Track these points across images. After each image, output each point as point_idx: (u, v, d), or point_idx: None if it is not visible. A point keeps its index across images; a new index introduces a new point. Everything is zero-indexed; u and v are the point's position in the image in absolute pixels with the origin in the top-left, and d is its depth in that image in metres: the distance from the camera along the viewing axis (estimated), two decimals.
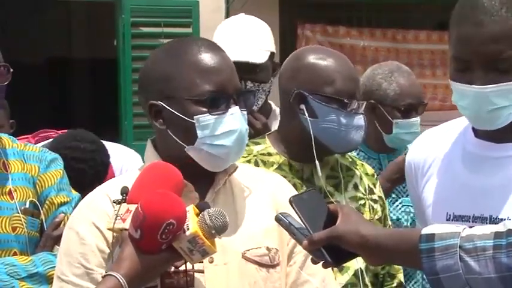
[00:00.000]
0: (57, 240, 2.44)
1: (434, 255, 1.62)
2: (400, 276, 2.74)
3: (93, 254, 1.92)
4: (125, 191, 1.82)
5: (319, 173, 2.48)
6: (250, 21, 3.23)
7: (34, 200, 2.47)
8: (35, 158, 2.54)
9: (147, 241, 1.73)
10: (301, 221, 1.75)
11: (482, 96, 1.92)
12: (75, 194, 2.60)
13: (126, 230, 1.77)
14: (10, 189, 2.43)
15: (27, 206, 2.43)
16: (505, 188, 1.97)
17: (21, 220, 2.40)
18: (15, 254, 2.37)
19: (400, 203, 3.43)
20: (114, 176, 3.17)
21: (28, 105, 4.18)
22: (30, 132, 3.74)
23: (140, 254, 1.74)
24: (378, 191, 2.66)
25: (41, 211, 2.49)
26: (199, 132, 1.95)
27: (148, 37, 7.43)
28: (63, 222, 2.47)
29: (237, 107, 1.97)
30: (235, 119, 1.96)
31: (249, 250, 1.94)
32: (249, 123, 2.17)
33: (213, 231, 1.75)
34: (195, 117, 1.95)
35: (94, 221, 1.94)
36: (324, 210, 1.78)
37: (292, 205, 1.76)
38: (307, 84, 2.49)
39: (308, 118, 2.46)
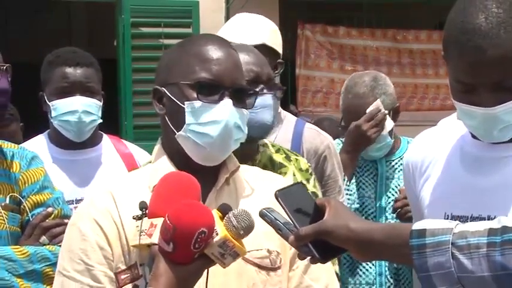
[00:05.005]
0: (45, 231, 2.44)
1: (426, 252, 1.58)
2: (336, 268, 2.73)
3: (93, 251, 1.92)
4: (143, 206, 1.80)
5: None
6: (254, 16, 3.24)
7: (15, 195, 2.46)
8: (15, 155, 2.53)
9: (180, 252, 1.71)
10: (287, 215, 1.72)
11: (492, 117, 1.90)
12: (58, 190, 2.60)
13: (155, 244, 1.75)
14: None
15: (7, 201, 2.42)
16: (503, 188, 1.95)
17: (2, 216, 2.39)
18: None
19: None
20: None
21: (28, 105, 4.18)
22: (30, 133, 3.73)
23: (174, 266, 1.72)
24: (312, 187, 2.65)
25: (24, 207, 2.49)
26: (187, 118, 1.96)
27: (148, 37, 7.43)
28: (53, 216, 2.48)
29: (230, 101, 1.96)
30: (224, 110, 1.95)
31: (249, 251, 1.93)
32: None
33: (242, 232, 1.73)
34: (186, 102, 1.96)
35: (96, 218, 1.94)
36: (310, 204, 1.74)
37: (278, 199, 1.72)
38: None
39: None
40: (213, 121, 1.95)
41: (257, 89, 2.50)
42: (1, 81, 2.40)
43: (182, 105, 1.96)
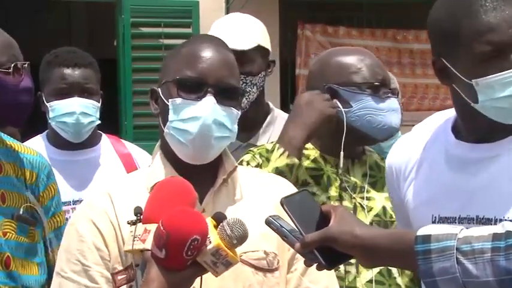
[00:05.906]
0: None
1: (431, 258, 1.59)
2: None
3: (90, 251, 1.93)
4: (138, 211, 1.80)
5: (341, 164, 2.53)
6: (243, 17, 3.24)
7: (32, 205, 2.40)
8: (33, 163, 2.45)
9: (172, 259, 1.72)
10: (293, 222, 1.73)
11: None
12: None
13: (147, 250, 1.75)
14: (3, 192, 2.33)
15: (21, 212, 2.35)
16: (489, 188, 1.93)
17: (11, 226, 2.31)
18: (8, 258, 2.28)
19: None
20: None
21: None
22: (29, 133, 3.72)
23: (166, 272, 1.73)
24: None
25: (43, 220, 2.45)
26: (170, 115, 1.99)
27: (148, 37, 7.43)
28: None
29: (212, 98, 1.96)
30: (205, 107, 1.96)
31: (245, 253, 1.93)
32: None
33: (235, 242, 1.74)
34: (169, 100, 1.98)
35: (93, 219, 1.96)
36: (316, 211, 1.75)
37: (283, 206, 1.73)
38: (335, 78, 2.57)
39: (342, 109, 2.51)
40: (192, 117, 1.96)
41: (380, 92, 2.55)
42: (24, 79, 2.38)
43: (167, 103, 1.98)
